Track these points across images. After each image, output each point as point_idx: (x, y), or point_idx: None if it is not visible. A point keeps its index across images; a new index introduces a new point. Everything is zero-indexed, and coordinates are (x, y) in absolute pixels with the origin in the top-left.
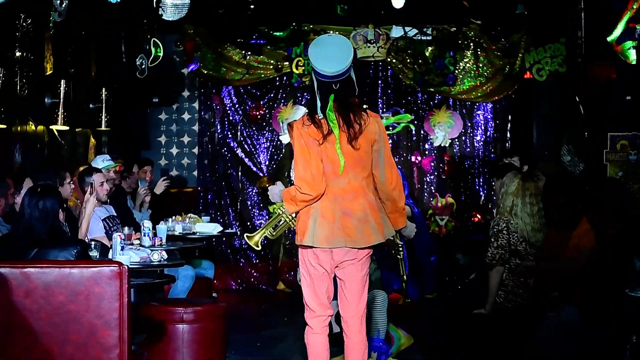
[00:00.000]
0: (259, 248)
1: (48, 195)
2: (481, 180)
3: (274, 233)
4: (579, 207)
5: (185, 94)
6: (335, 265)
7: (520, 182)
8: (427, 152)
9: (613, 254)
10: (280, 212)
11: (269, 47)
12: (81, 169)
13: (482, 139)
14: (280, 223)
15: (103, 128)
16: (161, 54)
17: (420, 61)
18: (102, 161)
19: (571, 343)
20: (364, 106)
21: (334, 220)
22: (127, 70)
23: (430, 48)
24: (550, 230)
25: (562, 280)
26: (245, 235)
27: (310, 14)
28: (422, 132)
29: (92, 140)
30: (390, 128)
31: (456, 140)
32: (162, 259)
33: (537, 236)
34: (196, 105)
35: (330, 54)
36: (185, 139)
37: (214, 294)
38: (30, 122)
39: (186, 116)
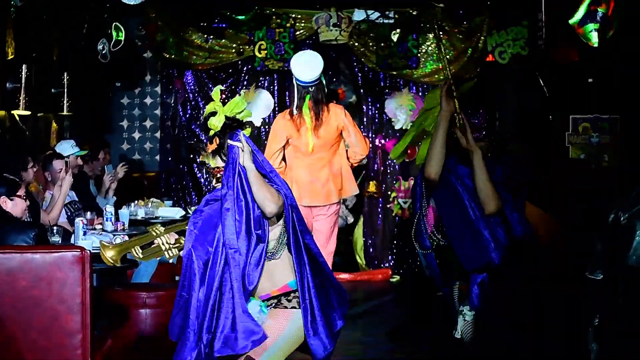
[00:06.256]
0: (118, 264)
1: None
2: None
3: (141, 256)
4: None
5: (148, 78)
6: (312, 217)
7: None
8: (390, 135)
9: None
10: (156, 234)
11: (231, 30)
12: (48, 153)
13: None
14: (153, 246)
15: (65, 113)
16: (123, 38)
17: (382, 45)
18: (70, 147)
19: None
20: (333, 100)
21: (305, 185)
22: (89, 55)
23: (394, 31)
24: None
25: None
26: (100, 242)
27: None
28: (384, 115)
29: (54, 125)
30: None
31: None
32: None
33: None
34: (158, 89)
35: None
36: (148, 123)
37: (177, 278)
38: None
39: (148, 100)
